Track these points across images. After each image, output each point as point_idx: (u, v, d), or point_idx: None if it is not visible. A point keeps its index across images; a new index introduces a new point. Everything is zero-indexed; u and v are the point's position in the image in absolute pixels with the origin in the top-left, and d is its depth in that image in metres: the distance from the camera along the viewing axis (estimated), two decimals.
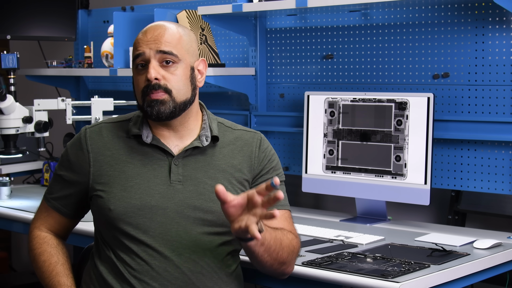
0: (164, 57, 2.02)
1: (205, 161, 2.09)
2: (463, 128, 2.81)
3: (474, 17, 2.80)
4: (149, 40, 2.03)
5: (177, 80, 2.03)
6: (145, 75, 2.02)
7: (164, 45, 2.02)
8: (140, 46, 2.04)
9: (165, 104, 2.01)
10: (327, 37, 3.23)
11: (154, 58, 2.02)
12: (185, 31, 2.08)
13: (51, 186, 2.18)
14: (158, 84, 2.01)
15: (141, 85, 2.03)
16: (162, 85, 2.01)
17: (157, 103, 2.00)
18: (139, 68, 2.04)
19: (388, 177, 2.83)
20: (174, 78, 2.03)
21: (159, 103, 2.00)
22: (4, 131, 3.25)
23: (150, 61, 2.02)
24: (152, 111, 2.01)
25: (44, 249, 2.15)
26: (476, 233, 2.67)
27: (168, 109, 2.02)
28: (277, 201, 1.78)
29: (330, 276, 2.14)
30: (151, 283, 1.98)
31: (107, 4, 4.25)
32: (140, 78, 2.04)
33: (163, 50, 2.02)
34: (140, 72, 2.04)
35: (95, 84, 4.25)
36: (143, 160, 2.06)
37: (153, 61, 2.01)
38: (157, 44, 2.02)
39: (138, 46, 2.04)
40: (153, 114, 2.01)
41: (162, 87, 2.01)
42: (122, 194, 2.03)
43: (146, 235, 2.01)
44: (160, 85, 2.01)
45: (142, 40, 2.04)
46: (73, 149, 2.12)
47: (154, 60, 2.01)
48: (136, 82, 2.06)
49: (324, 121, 3.00)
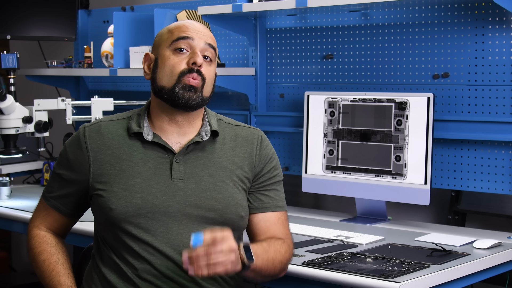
0: (206, 51, 2.06)
1: (206, 158, 2.09)
2: (463, 128, 2.81)
3: (474, 17, 2.80)
4: (198, 30, 2.06)
5: (210, 76, 2.07)
6: (186, 59, 2.03)
7: (212, 41, 2.08)
8: (189, 31, 2.05)
9: (197, 93, 2.03)
10: (327, 37, 3.23)
11: (199, 48, 2.04)
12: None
13: (49, 185, 2.17)
14: (200, 71, 2.03)
15: (180, 67, 2.03)
16: (202, 73, 2.04)
17: (191, 89, 2.02)
18: (179, 52, 2.04)
19: (388, 177, 2.83)
20: (209, 73, 2.07)
21: (193, 90, 2.02)
22: (4, 131, 3.25)
23: (195, 48, 2.04)
24: (184, 94, 2.02)
25: (44, 248, 2.14)
26: (476, 233, 2.67)
27: (197, 99, 2.03)
28: None
29: (330, 276, 2.14)
30: (154, 282, 1.98)
31: (107, 4, 4.25)
32: (179, 61, 2.04)
33: (210, 44, 2.07)
34: (179, 55, 2.04)
35: (95, 84, 4.25)
36: (143, 158, 2.06)
37: (198, 50, 2.04)
38: (205, 37, 2.06)
39: (186, 30, 2.05)
40: (185, 98, 2.02)
41: (202, 75, 2.03)
42: (123, 193, 2.02)
43: (147, 234, 2.00)
44: (201, 72, 2.03)
45: (190, 27, 2.06)
46: (72, 148, 2.11)
47: (200, 51, 2.05)
48: (171, 64, 2.04)
49: (324, 121, 3.00)
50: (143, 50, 3.35)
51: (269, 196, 2.13)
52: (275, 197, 2.14)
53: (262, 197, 2.13)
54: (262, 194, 2.13)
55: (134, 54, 3.39)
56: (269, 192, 2.14)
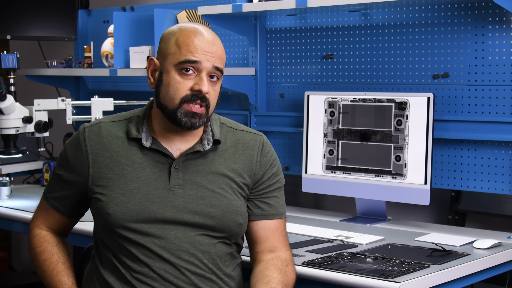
0: (213, 72, 2.00)
1: (206, 164, 2.07)
2: (463, 128, 2.81)
3: (474, 17, 2.80)
4: (208, 51, 1.98)
5: (215, 96, 2.03)
6: (191, 83, 1.98)
7: (219, 62, 2.00)
8: (198, 53, 1.97)
9: (201, 118, 1.99)
10: (327, 37, 3.23)
11: (206, 71, 1.99)
12: (221, 44, 2.06)
13: (50, 185, 2.17)
14: (205, 98, 1.98)
15: (183, 91, 1.97)
16: (207, 99, 1.99)
17: (195, 116, 1.98)
18: (184, 73, 1.98)
19: (388, 177, 2.83)
20: (213, 94, 2.02)
21: (197, 116, 1.98)
22: (4, 131, 3.25)
23: (201, 72, 1.98)
24: (187, 122, 1.98)
25: (45, 248, 2.14)
26: (476, 233, 2.67)
27: (201, 122, 2.00)
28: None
29: (330, 276, 2.14)
30: (153, 284, 1.98)
31: (107, 4, 4.25)
32: (183, 83, 1.98)
33: (218, 67, 2.00)
34: (186, 77, 1.98)
35: (95, 84, 4.25)
36: (142, 163, 2.04)
37: (205, 73, 1.98)
38: (214, 59, 1.99)
39: (195, 52, 1.97)
40: (187, 124, 1.98)
41: (206, 101, 1.99)
42: (121, 199, 2.01)
43: (145, 239, 1.99)
44: (206, 99, 1.99)
45: (200, 48, 1.98)
46: (72, 149, 2.10)
47: (206, 73, 1.99)
48: (175, 85, 1.98)
49: (324, 121, 3.00)
50: (143, 50, 3.35)
51: (269, 204, 2.12)
52: (275, 204, 2.13)
53: (262, 205, 2.11)
54: (262, 201, 2.11)
55: (134, 54, 3.39)
56: (269, 200, 2.12)
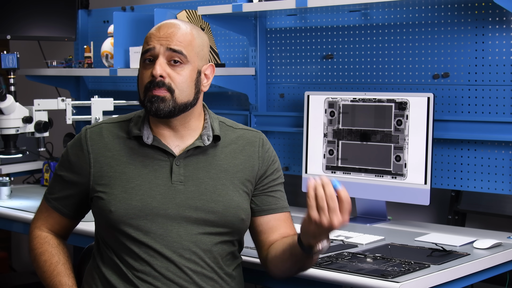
0: (173, 55, 2.01)
1: (207, 161, 2.09)
2: (463, 128, 2.81)
3: (474, 17, 2.80)
4: (161, 36, 2.02)
5: (182, 80, 2.02)
6: (150, 71, 2.01)
7: (175, 44, 2.01)
8: (151, 41, 2.03)
9: (165, 102, 2.00)
10: (327, 37, 3.23)
11: (162, 55, 2.01)
12: (199, 34, 2.07)
13: (51, 186, 2.18)
14: (162, 82, 2.00)
15: (145, 80, 2.02)
16: (166, 83, 2.00)
17: (157, 99, 2.00)
18: (146, 63, 2.03)
19: (388, 177, 2.83)
20: (179, 78, 2.02)
21: (160, 100, 2.00)
22: (4, 131, 3.25)
23: (157, 58, 2.01)
24: (152, 107, 2.01)
25: (45, 249, 2.15)
26: (476, 233, 2.67)
27: (167, 108, 2.01)
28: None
29: (330, 276, 2.14)
30: (154, 283, 1.98)
31: (107, 4, 4.25)
32: (145, 73, 2.03)
33: (173, 48, 2.01)
34: (147, 66, 2.03)
35: (95, 84, 4.25)
36: (144, 161, 2.06)
37: (161, 58, 2.01)
38: (168, 41, 2.01)
39: (149, 40, 2.03)
40: (152, 110, 2.01)
41: (165, 85, 2.00)
42: (123, 196, 2.02)
43: (147, 237, 2.00)
44: (164, 83, 2.00)
45: (154, 35, 2.03)
46: (74, 150, 2.12)
47: (162, 57, 2.01)
48: (140, 76, 2.05)
49: (324, 121, 3.00)
50: None
51: (276, 197, 2.14)
52: (281, 198, 2.16)
53: (269, 199, 2.13)
54: (268, 195, 2.13)
55: (134, 54, 3.39)
56: (275, 193, 2.15)
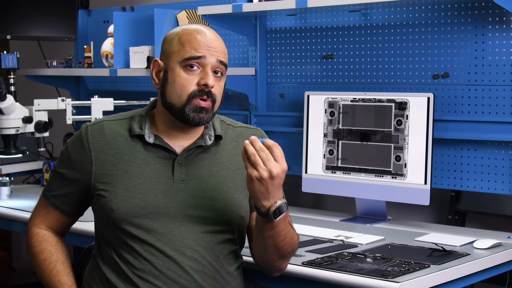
0: (218, 67, 2.03)
1: (208, 159, 2.09)
2: (463, 128, 2.81)
3: (474, 17, 2.80)
4: (211, 46, 2.02)
5: (220, 91, 2.06)
6: (196, 78, 2.01)
7: (223, 56, 2.04)
8: (201, 49, 2.01)
9: (208, 113, 2.03)
10: (327, 37, 3.23)
11: (211, 66, 2.02)
12: (223, 42, 2.11)
13: (50, 184, 2.17)
14: (211, 93, 2.02)
15: (190, 87, 2.01)
16: (213, 94, 2.02)
17: (202, 110, 2.01)
18: (190, 69, 2.01)
19: (388, 177, 2.83)
20: (219, 89, 2.05)
21: (204, 111, 2.02)
22: (4, 131, 3.25)
23: (206, 67, 2.01)
24: (195, 117, 2.01)
25: (44, 247, 2.14)
26: (476, 233, 2.67)
27: (207, 118, 2.04)
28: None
29: (330, 276, 2.14)
30: (154, 282, 1.99)
31: (107, 4, 4.25)
32: (189, 79, 2.01)
33: (222, 61, 2.03)
34: (191, 72, 2.01)
35: (95, 84, 4.25)
36: (145, 159, 2.06)
37: (210, 68, 2.02)
38: (218, 53, 2.03)
39: (199, 48, 2.01)
40: (195, 120, 2.02)
41: (212, 96, 2.02)
42: (125, 194, 2.02)
43: (148, 235, 2.01)
44: (212, 94, 2.02)
45: (203, 44, 2.02)
46: (74, 147, 2.11)
47: (211, 68, 2.02)
48: (182, 82, 2.01)
49: (324, 121, 3.00)
50: (143, 50, 3.35)
51: None
52: None
53: None
54: None
55: (134, 54, 3.39)
56: None
